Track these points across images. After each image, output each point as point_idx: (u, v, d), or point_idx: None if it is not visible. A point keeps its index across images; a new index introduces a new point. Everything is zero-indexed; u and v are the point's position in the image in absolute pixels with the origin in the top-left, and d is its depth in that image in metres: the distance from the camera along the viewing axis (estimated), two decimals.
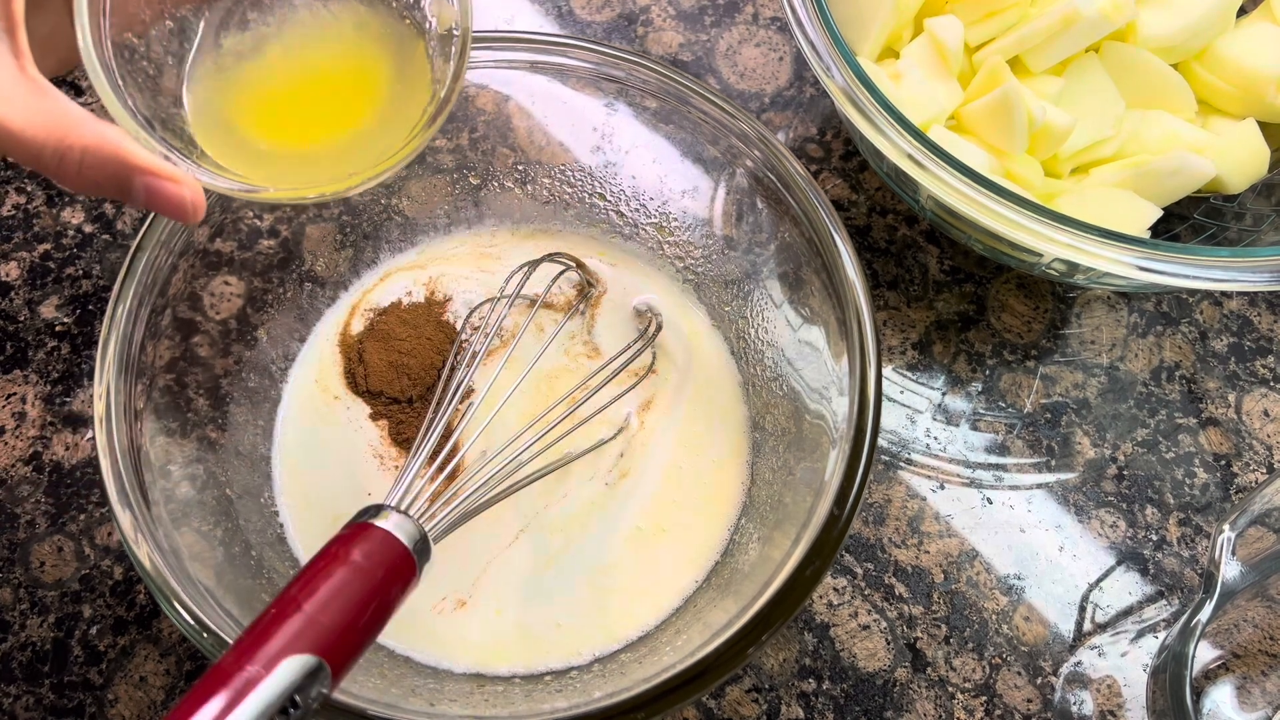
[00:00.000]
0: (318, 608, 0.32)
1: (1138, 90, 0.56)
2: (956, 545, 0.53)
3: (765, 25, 0.68)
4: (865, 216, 0.62)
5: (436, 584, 0.48)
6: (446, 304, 0.55)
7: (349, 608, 0.32)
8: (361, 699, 0.39)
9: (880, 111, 0.47)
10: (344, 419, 0.52)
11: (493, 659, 0.47)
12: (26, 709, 0.49)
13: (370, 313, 0.54)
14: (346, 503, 0.50)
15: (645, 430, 0.52)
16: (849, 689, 0.50)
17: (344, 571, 0.33)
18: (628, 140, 0.54)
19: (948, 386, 0.58)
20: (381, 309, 0.54)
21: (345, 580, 0.33)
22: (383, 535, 0.35)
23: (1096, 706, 0.50)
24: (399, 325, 0.54)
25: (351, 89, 0.40)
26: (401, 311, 0.54)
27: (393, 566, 0.35)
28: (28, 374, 0.56)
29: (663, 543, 0.50)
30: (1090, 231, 0.45)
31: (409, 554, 0.35)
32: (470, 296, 0.55)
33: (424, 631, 0.48)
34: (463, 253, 0.57)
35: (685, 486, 0.51)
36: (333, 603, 0.32)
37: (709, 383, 0.53)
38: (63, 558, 0.52)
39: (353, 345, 0.54)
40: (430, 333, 0.53)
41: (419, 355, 0.53)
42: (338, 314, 0.55)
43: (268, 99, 0.39)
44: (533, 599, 0.48)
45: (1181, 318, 0.60)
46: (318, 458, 0.52)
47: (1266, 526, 0.48)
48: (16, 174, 0.62)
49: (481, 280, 0.55)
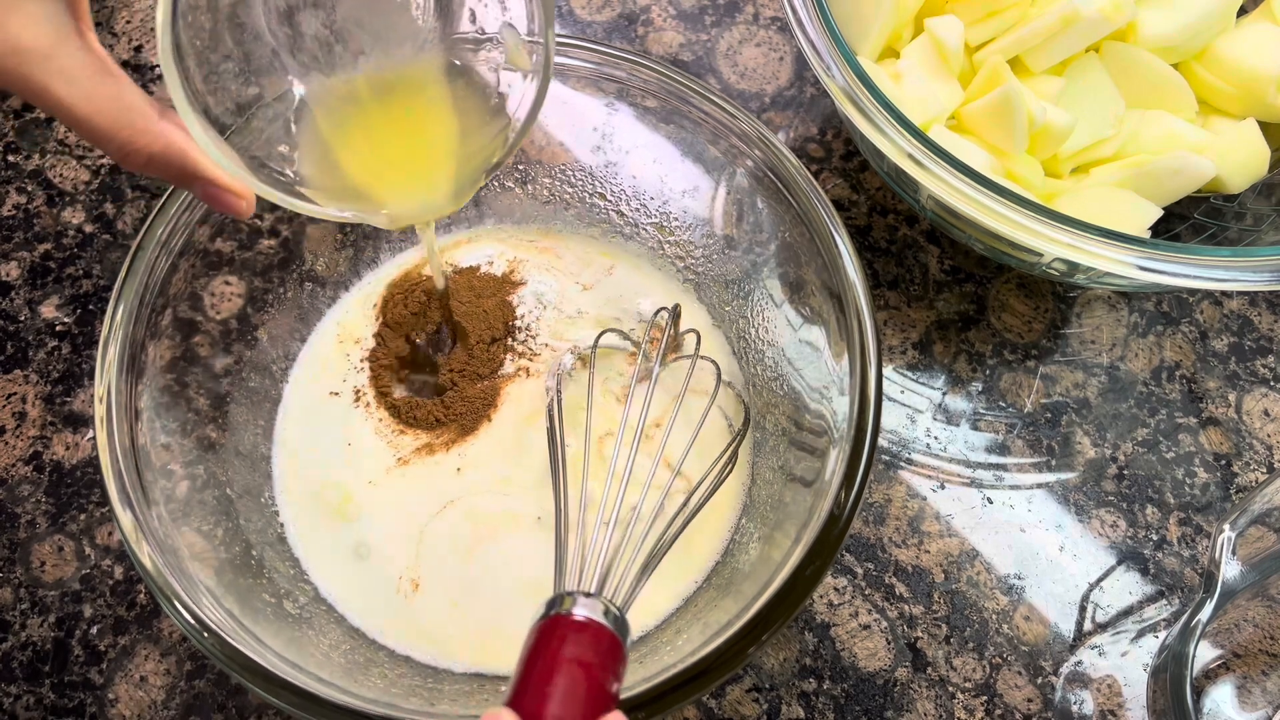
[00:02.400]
0: (556, 707, 0.32)
1: (1138, 90, 0.56)
2: (957, 545, 0.53)
3: (765, 25, 0.68)
4: (866, 216, 0.62)
5: (439, 585, 0.48)
6: (519, 286, 0.55)
7: (583, 703, 0.33)
8: (362, 699, 0.39)
9: (881, 111, 0.47)
10: (345, 418, 0.52)
11: (493, 659, 0.47)
12: (27, 709, 0.49)
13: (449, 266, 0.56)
14: (346, 492, 0.50)
15: (646, 430, 0.52)
16: (849, 689, 0.50)
17: (565, 671, 0.34)
18: (628, 140, 0.54)
19: (948, 386, 0.58)
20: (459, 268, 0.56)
21: (571, 680, 0.34)
22: (584, 625, 0.36)
23: (1097, 706, 0.50)
24: (465, 289, 0.54)
25: (431, 128, 0.43)
26: (476, 277, 0.55)
27: (603, 650, 0.35)
28: (28, 374, 0.56)
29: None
30: (1090, 231, 0.45)
31: (612, 635, 0.36)
32: (541, 288, 0.55)
33: (423, 631, 0.48)
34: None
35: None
36: (567, 704, 0.33)
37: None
38: (63, 557, 0.52)
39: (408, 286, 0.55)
40: (489, 306, 0.54)
41: (471, 319, 0.54)
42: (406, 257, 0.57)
43: (355, 128, 0.41)
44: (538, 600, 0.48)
45: (1182, 317, 0.60)
46: (318, 457, 0.52)
47: (1267, 526, 0.48)
48: (16, 174, 0.62)
49: (554, 277, 0.56)
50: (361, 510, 0.50)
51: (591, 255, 0.57)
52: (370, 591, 0.48)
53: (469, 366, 0.53)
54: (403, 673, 0.46)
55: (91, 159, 0.62)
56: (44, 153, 0.63)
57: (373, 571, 0.49)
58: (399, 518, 0.50)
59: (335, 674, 0.41)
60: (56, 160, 0.62)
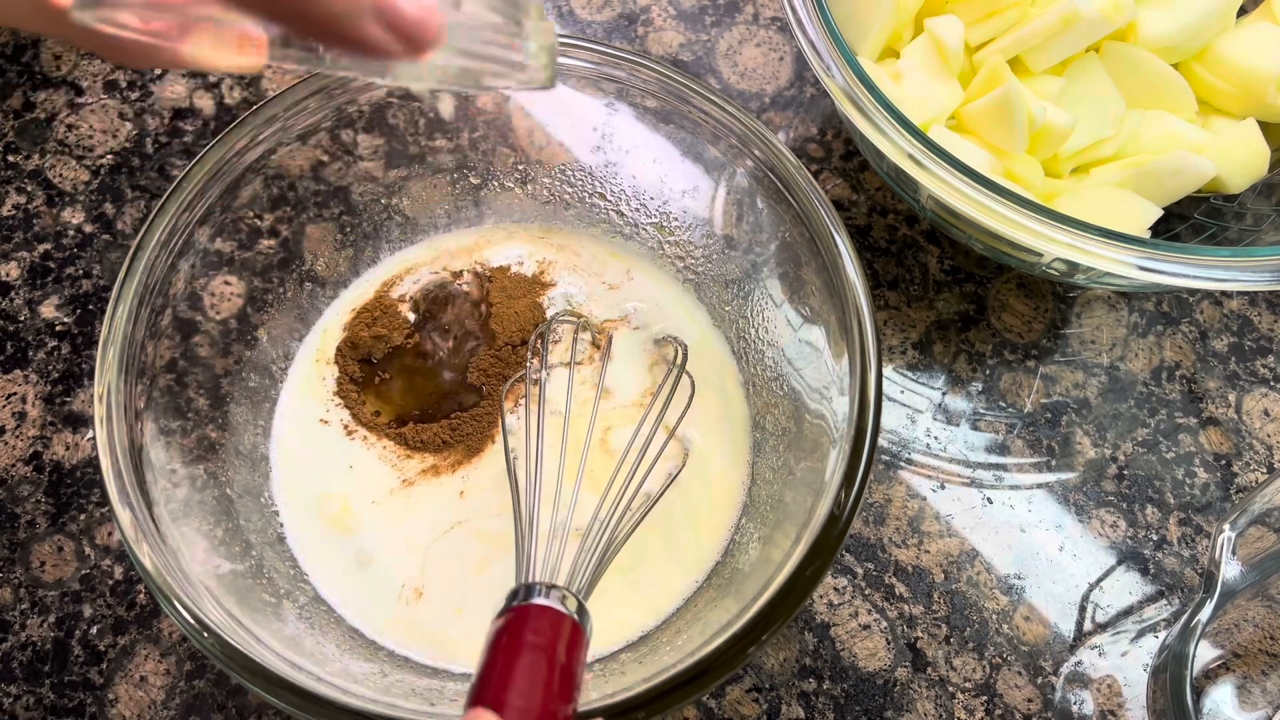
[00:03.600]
0: (518, 697, 0.33)
1: (1138, 90, 0.56)
2: (957, 545, 0.53)
3: (765, 25, 0.68)
4: (866, 216, 0.62)
5: (445, 595, 0.48)
6: (549, 288, 0.55)
7: (544, 686, 0.34)
8: (362, 699, 0.39)
9: (880, 111, 0.47)
10: (345, 417, 0.52)
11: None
12: (27, 709, 0.49)
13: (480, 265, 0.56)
14: (347, 502, 0.50)
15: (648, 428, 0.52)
16: (849, 689, 0.50)
17: (527, 656, 0.34)
18: (628, 140, 0.54)
19: (948, 386, 0.58)
20: (493, 268, 0.56)
21: (532, 664, 0.34)
22: (542, 611, 0.36)
23: (1097, 706, 0.50)
24: (497, 291, 0.55)
25: None
26: (507, 278, 0.55)
27: (563, 635, 0.36)
28: (28, 374, 0.56)
29: (666, 540, 0.50)
30: (1090, 231, 0.45)
31: (572, 619, 0.36)
32: (570, 290, 0.55)
33: (425, 633, 0.48)
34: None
35: (687, 485, 0.51)
36: (529, 688, 0.33)
37: (710, 382, 0.53)
38: (63, 557, 0.52)
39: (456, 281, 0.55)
40: (520, 309, 0.54)
41: (503, 320, 0.54)
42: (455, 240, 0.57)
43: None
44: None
45: (1182, 317, 0.60)
46: (318, 457, 0.51)
47: (1267, 526, 0.48)
48: (16, 174, 0.62)
49: (583, 278, 0.56)
50: (363, 522, 0.50)
51: (604, 256, 0.57)
52: (370, 594, 0.48)
53: (494, 368, 0.53)
54: (403, 673, 0.46)
55: (91, 159, 0.62)
56: (44, 153, 0.63)
57: (375, 578, 0.49)
58: (403, 535, 0.50)
59: (335, 674, 0.41)
60: (56, 160, 0.62)
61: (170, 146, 0.63)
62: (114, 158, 0.62)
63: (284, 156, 0.50)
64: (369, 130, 0.53)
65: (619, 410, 0.53)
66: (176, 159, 0.63)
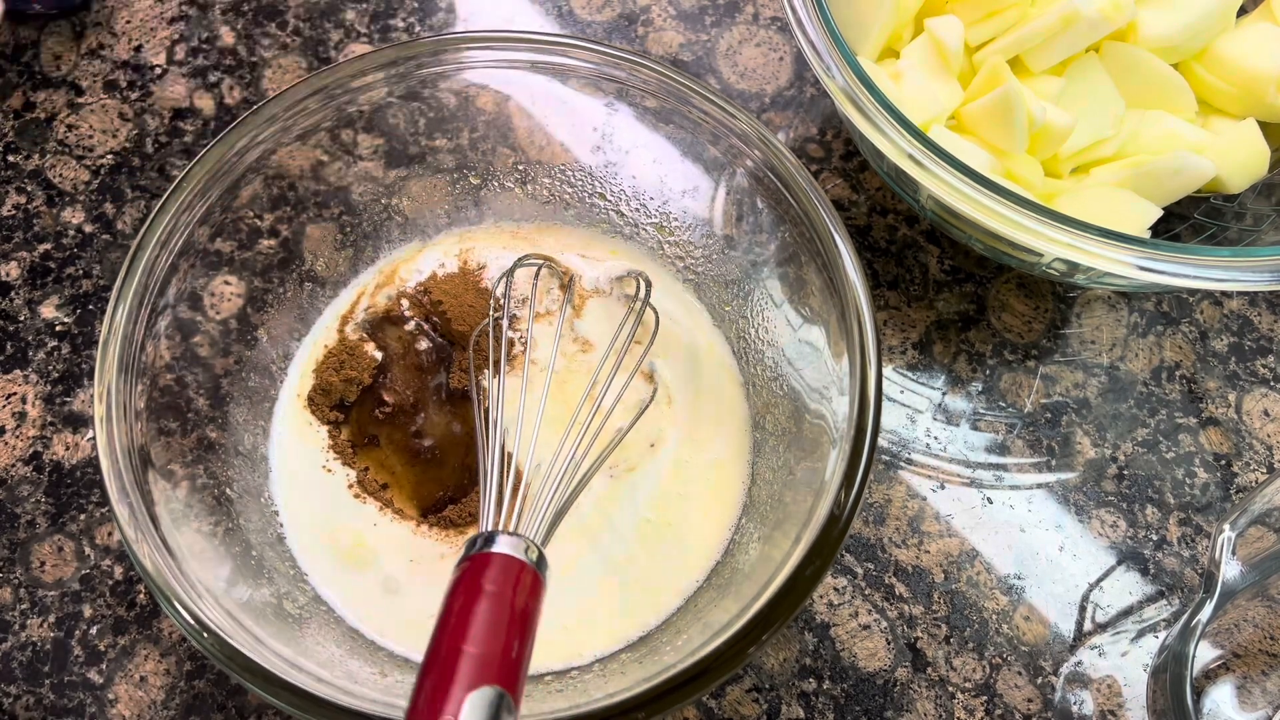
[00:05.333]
0: (475, 644, 0.33)
1: (1138, 90, 0.56)
2: (957, 545, 0.53)
3: (765, 25, 0.68)
4: (865, 216, 0.62)
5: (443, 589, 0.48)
6: (482, 271, 0.55)
7: (501, 634, 0.34)
8: (362, 699, 0.39)
9: (880, 111, 0.47)
10: (355, 510, 0.51)
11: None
12: (27, 709, 0.49)
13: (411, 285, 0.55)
14: (347, 501, 0.50)
15: (647, 427, 0.52)
16: (849, 689, 0.50)
17: (484, 603, 0.34)
18: (628, 140, 0.54)
19: (948, 386, 0.58)
20: (423, 280, 0.55)
21: (489, 610, 0.34)
22: (502, 559, 0.36)
23: (1097, 706, 0.50)
24: (440, 295, 0.54)
25: None
26: (439, 283, 0.55)
27: (522, 584, 0.36)
28: (28, 374, 0.56)
29: (669, 538, 0.50)
30: (1090, 231, 0.45)
31: (531, 568, 0.37)
32: (505, 263, 0.55)
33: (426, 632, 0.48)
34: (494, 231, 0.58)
35: (689, 482, 0.51)
36: (486, 634, 0.33)
37: (710, 382, 0.53)
38: (63, 558, 0.52)
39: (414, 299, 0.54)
40: (471, 299, 0.54)
41: (463, 318, 0.53)
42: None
43: None
44: (549, 602, 0.48)
45: (1181, 317, 0.60)
46: (317, 457, 0.51)
47: (1267, 526, 0.48)
48: (16, 174, 0.62)
49: (515, 251, 0.56)
50: (377, 555, 0.49)
51: (604, 255, 0.57)
52: (370, 595, 0.48)
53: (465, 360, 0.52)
54: (403, 673, 0.46)
55: (91, 159, 0.62)
56: (44, 153, 0.63)
57: (375, 579, 0.49)
58: (403, 534, 0.50)
59: (335, 674, 0.41)
60: (56, 160, 0.62)
61: (170, 146, 0.63)
62: (114, 158, 0.62)
63: (284, 156, 0.50)
64: (369, 130, 0.53)
65: (586, 354, 0.53)
66: (176, 159, 0.63)
